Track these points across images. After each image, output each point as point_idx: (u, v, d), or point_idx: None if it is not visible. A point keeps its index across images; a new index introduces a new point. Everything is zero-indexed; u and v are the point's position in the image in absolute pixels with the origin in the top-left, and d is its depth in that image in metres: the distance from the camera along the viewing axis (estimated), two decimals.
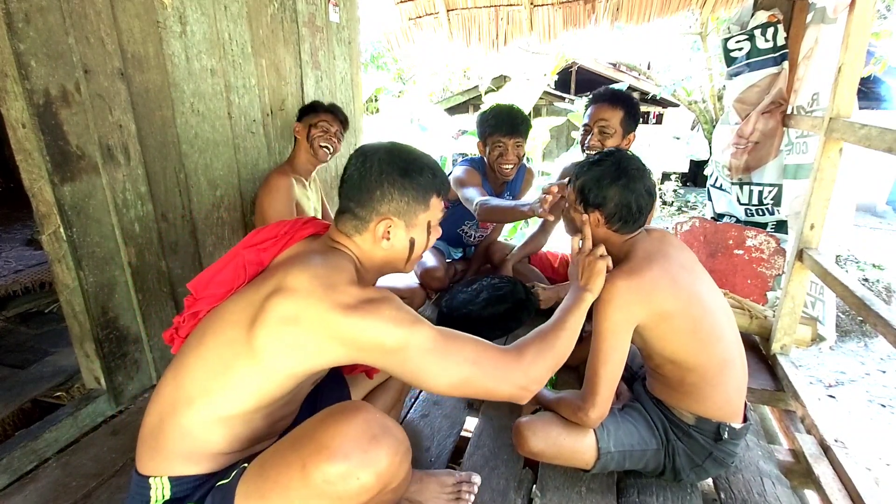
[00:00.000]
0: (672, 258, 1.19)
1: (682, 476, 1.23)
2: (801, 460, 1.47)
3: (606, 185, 1.17)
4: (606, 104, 1.83)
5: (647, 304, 1.12)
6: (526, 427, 1.23)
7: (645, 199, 1.18)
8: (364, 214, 0.99)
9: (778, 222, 2.43)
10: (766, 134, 2.28)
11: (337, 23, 2.56)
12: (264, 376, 0.87)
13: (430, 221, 1.04)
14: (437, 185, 1.03)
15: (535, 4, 2.73)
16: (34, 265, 2.26)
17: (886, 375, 3.74)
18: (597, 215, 1.20)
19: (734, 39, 2.35)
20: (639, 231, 1.23)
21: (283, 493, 0.80)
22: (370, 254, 1.02)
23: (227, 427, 0.89)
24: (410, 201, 0.99)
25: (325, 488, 0.78)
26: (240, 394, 0.87)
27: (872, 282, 4.67)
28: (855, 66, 1.58)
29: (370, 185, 0.97)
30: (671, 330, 1.14)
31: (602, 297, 1.14)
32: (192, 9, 1.69)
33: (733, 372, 1.19)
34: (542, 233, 2.34)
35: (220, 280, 0.98)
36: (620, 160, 1.19)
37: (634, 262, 1.16)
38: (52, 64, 1.30)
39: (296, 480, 0.79)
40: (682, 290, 1.15)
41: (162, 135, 1.64)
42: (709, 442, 1.19)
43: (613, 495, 1.27)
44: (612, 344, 1.14)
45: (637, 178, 1.17)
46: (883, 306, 1.34)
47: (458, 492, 1.20)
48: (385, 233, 0.99)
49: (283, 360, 0.86)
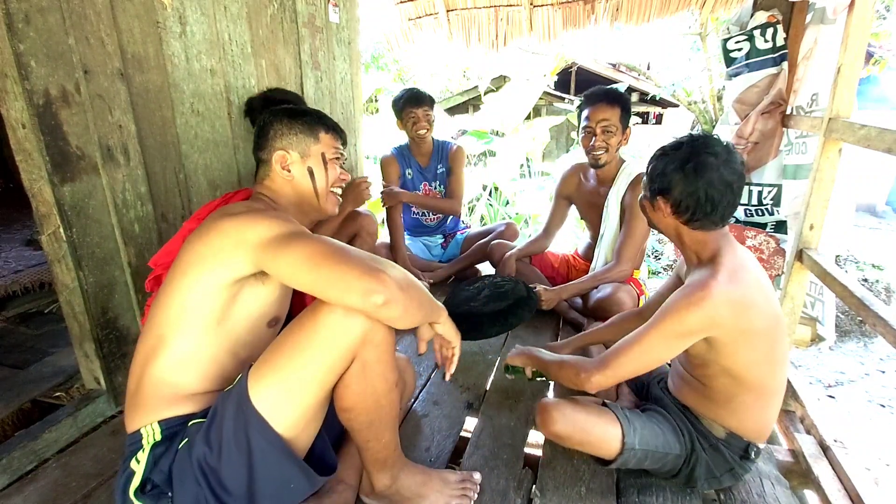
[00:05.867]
0: (760, 273, 1.10)
1: (697, 484, 1.21)
2: (801, 460, 1.47)
3: (672, 170, 1.06)
4: (604, 103, 1.86)
5: (736, 319, 1.02)
6: (554, 407, 1.19)
7: (719, 191, 1.04)
8: (265, 156, 1.14)
9: (777, 222, 2.43)
10: (766, 134, 2.28)
11: (337, 23, 2.55)
12: (203, 301, 0.95)
13: (324, 154, 1.17)
14: (324, 123, 1.18)
15: (534, 5, 2.73)
16: (34, 265, 2.26)
17: (886, 375, 3.74)
18: (661, 202, 1.10)
19: (733, 40, 2.35)
20: (719, 228, 1.10)
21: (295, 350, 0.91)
22: (281, 191, 1.14)
23: (194, 366, 0.98)
24: (300, 133, 1.14)
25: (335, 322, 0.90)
26: (192, 328, 0.96)
27: (872, 282, 4.67)
28: (854, 67, 1.59)
29: (265, 129, 1.14)
30: (750, 348, 1.06)
31: (688, 299, 1.02)
32: (191, 9, 1.69)
33: (781, 396, 1.16)
34: (545, 236, 2.34)
35: (169, 250, 1.19)
36: (696, 144, 1.06)
37: (731, 270, 1.03)
38: (51, 64, 1.30)
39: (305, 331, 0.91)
40: (771, 309, 1.08)
41: (162, 135, 1.64)
42: (734, 458, 1.16)
43: (613, 495, 1.26)
44: (669, 344, 1.05)
45: (709, 166, 1.03)
46: (882, 306, 1.34)
47: (462, 489, 1.20)
48: (283, 164, 1.12)
49: (207, 276, 0.95)
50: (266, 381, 0.90)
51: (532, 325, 2.13)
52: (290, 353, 0.91)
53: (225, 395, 0.94)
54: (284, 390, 0.90)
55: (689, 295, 1.03)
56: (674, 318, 1.03)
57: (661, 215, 1.13)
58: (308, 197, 1.16)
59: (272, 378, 0.90)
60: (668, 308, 1.05)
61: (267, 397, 0.89)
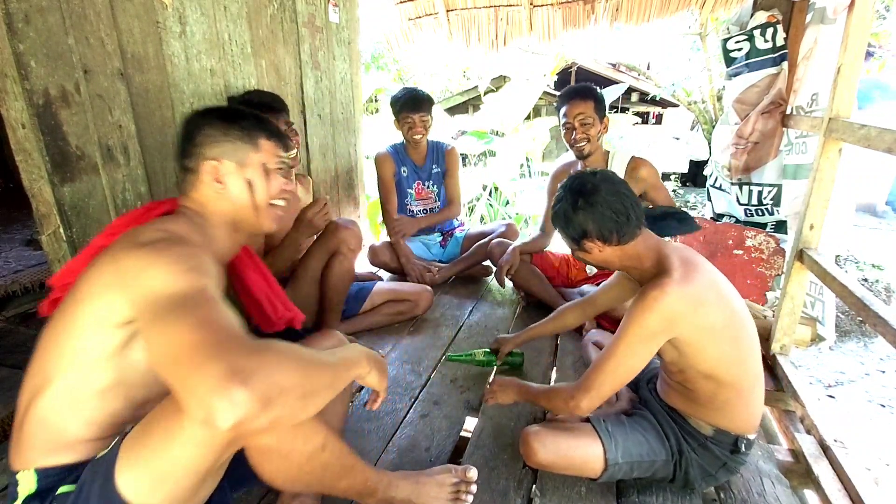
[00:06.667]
0: (709, 267, 1.13)
1: (695, 485, 1.23)
2: (801, 460, 1.47)
3: (574, 216, 1.14)
4: (577, 99, 2.00)
5: (695, 316, 1.05)
6: (534, 438, 1.21)
7: (617, 200, 1.12)
8: (192, 164, 0.98)
9: (777, 222, 2.43)
10: (766, 134, 2.28)
11: (337, 23, 2.56)
12: (94, 338, 0.82)
13: (265, 164, 1.02)
14: (265, 128, 1.03)
15: (534, 5, 2.74)
16: (34, 265, 2.26)
17: (886, 375, 3.74)
18: (589, 244, 1.16)
19: (733, 40, 2.35)
20: (644, 229, 1.16)
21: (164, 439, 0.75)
22: (211, 205, 0.99)
23: (81, 410, 0.84)
24: (236, 140, 0.98)
25: None
26: (80, 367, 0.83)
27: (872, 282, 4.67)
28: (854, 67, 1.59)
29: (192, 132, 0.98)
30: (713, 344, 1.08)
31: (644, 303, 1.05)
32: (191, 9, 1.69)
33: (761, 385, 1.17)
34: (544, 235, 2.35)
35: (72, 269, 0.96)
36: (571, 187, 1.16)
37: (683, 270, 1.07)
38: (51, 64, 1.30)
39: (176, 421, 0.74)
40: (726, 302, 1.10)
41: (162, 135, 1.64)
42: (724, 453, 1.17)
43: (613, 495, 1.27)
44: (637, 351, 1.08)
45: (592, 191, 1.12)
46: (882, 306, 1.34)
47: (456, 492, 1.19)
48: (215, 175, 0.97)
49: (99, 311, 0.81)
50: (135, 464, 0.76)
51: None
52: (161, 438, 0.76)
53: (95, 466, 0.81)
54: (155, 478, 0.76)
55: (644, 299, 1.06)
56: (635, 325, 1.07)
57: (598, 253, 1.17)
58: (244, 212, 1.02)
59: (141, 463, 0.76)
60: (628, 317, 1.08)
61: (134, 483, 0.75)
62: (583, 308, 1.57)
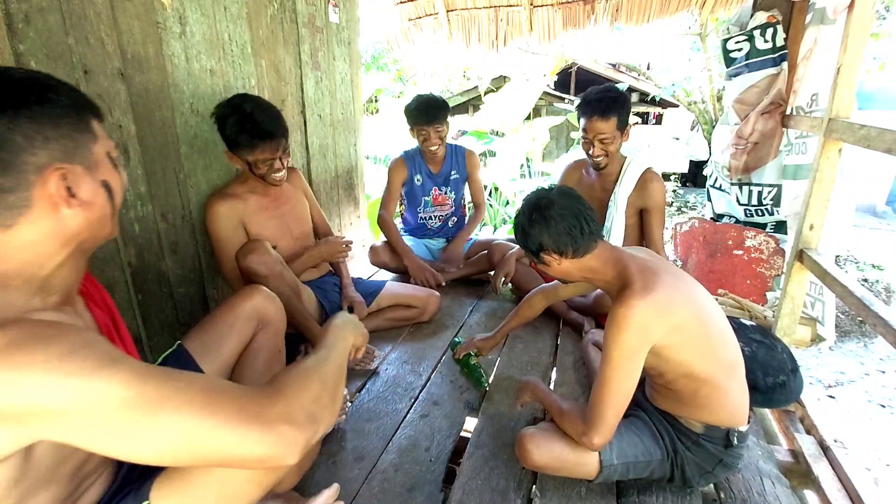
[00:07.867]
0: (666, 268, 1.17)
1: (693, 484, 1.23)
2: (801, 460, 1.47)
3: (530, 231, 1.18)
4: (598, 117, 1.87)
5: (665, 320, 1.08)
6: (529, 440, 1.22)
7: (570, 213, 1.15)
8: (13, 182, 0.63)
9: (777, 223, 2.44)
10: (766, 134, 2.28)
11: (337, 23, 2.56)
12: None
13: (108, 152, 0.75)
14: (88, 104, 0.74)
15: (534, 5, 2.74)
16: None
17: (886, 376, 3.74)
18: (547, 257, 1.19)
19: (733, 40, 2.35)
20: (600, 241, 1.20)
21: None
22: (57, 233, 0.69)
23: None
24: (72, 132, 0.68)
25: None
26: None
27: (872, 282, 4.67)
28: (854, 67, 1.59)
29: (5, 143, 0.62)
30: (684, 342, 1.11)
31: (616, 323, 1.08)
32: (191, 9, 1.69)
33: (740, 374, 1.19)
34: None
35: None
36: (526, 206, 1.22)
37: (642, 280, 1.10)
38: (51, 64, 1.30)
39: None
40: (689, 298, 1.13)
41: (162, 135, 1.64)
42: (719, 449, 1.18)
43: (613, 495, 1.27)
44: (627, 371, 1.10)
45: (546, 205, 1.17)
46: (882, 306, 1.34)
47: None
48: (62, 189, 0.67)
49: None
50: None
51: (532, 325, 2.13)
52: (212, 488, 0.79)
53: None
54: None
55: (615, 320, 1.09)
56: (615, 347, 1.09)
57: (556, 266, 1.21)
58: (100, 223, 0.74)
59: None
60: (607, 342, 1.11)
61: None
62: (546, 294, 1.66)
